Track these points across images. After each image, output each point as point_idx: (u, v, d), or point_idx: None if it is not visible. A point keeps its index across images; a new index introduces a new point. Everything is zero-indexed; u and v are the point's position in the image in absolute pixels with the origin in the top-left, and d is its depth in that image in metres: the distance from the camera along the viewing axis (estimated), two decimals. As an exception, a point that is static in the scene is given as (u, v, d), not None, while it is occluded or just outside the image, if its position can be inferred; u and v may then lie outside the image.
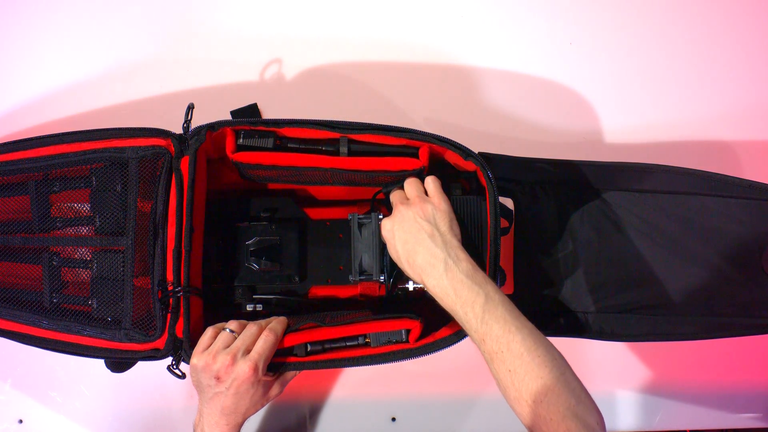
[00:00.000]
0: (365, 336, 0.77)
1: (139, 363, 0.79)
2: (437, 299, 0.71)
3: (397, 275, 0.82)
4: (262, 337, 0.73)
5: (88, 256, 0.79)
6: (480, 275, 0.70)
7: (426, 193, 0.77)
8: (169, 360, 0.75)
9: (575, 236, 0.85)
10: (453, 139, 0.78)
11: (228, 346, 0.71)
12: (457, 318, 0.69)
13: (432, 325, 0.79)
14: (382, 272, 0.79)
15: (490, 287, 0.69)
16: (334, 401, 0.93)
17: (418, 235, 0.72)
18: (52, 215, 0.80)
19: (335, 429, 0.93)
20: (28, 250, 0.79)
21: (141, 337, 0.75)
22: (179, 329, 0.74)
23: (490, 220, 0.76)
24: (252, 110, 0.94)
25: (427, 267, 0.70)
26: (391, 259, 0.81)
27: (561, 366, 0.65)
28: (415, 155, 0.78)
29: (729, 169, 0.86)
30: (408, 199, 0.76)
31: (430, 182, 0.77)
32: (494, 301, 0.67)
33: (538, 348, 0.65)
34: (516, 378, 0.64)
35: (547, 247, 0.86)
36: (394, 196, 0.78)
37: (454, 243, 0.72)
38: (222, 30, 0.97)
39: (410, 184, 0.77)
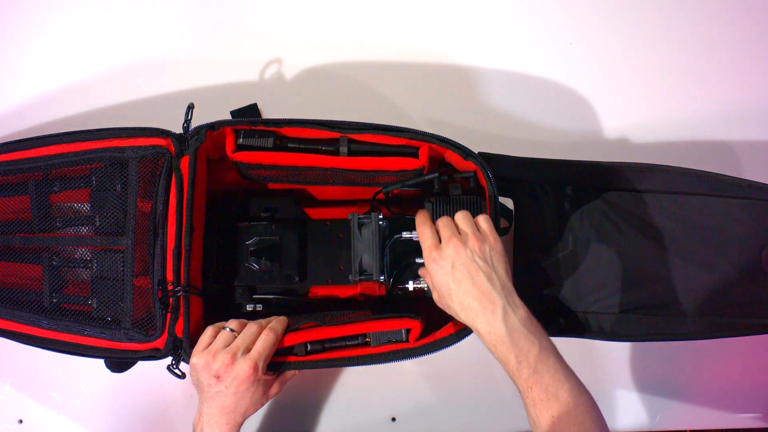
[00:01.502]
0: (365, 335, 0.77)
1: (139, 363, 0.79)
2: (486, 344, 0.69)
3: (397, 275, 0.82)
4: (262, 336, 0.73)
5: (88, 255, 0.79)
6: (534, 323, 0.69)
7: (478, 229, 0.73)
8: (168, 360, 0.75)
9: (575, 236, 0.85)
10: (453, 139, 0.78)
11: (228, 345, 0.71)
12: (506, 365, 0.68)
13: (432, 324, 0.79)
14: (382, 272, 0.79)
15: (542, 335, 0.68)
16: (334, 401, 0.93)
17: (476, 276, 0.68)
18: (52, 215, 0.80)
19: (335, 429, 0.93)
20: (28, 250, 0.79)
21: (141, 337, 0.75)
22: (179, 329, 0.74)
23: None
24: (252, 110, 0.94)
25: (481, 311, 0.68)
26: (390, 259, 0.81)
27: (599, 413, 0.67)
28: (415, 155, 0.78)
29: (729, 169, 0.86)
30: (459, 232, 0.72)
31: (483, 221, 0.73)
32: (547, 350, 0.67)
33: (582, 395, 0.66)
34: (559, 424, 0.65)
35: (547, 247, 0.86)
36: (444, 227, 0.72)
37: (512, 288, 0.70)
38: (222, 30, 0.97)
39: (463, 219, 0.73)
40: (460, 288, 0.69)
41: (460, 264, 0.69)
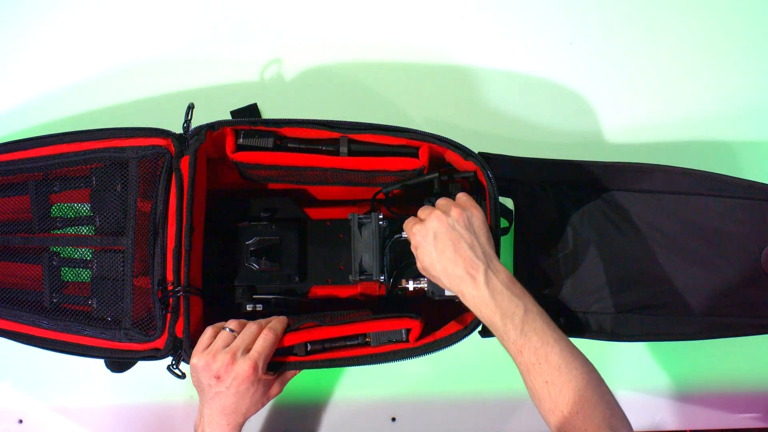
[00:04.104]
0: (365, 335, 0.77)
1: (139, 363, 0.79)
2: (474, 310, 0.70)
3: (397, 275, 0.82)
4: (261, 335, 0.73)
5: (88, 255, 0.79)
6: (518, 287, 0.69)
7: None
8: (169, 360, 0.75)
9: (575, 236, 0.85)
10: (453, 139, 0.78)
11: (228, 345, 0.71)
12: (494, 329, 0.69)
13: (432, 324, 0.79)
14: (382, 272, 0.79)
15: (528, 299, 0.69)
16: (334, 401, 0.93)
17: (458, 244, 0.70)
18: (52, 215, 0.80)
19: (335, 429, 0.93)
20: (28, 250, 0.79)
21: (141, 337, 0.75)
22: (179, 329, 0.74)
23: (490, 220, 0.76)
24: (252, 110, 0.94)
25: (466, 277, 0.69)
26: (390, 259, 0.81)
27: (597, 378, 0.66)
28: (415, 155, 0.78)
29: (729, 169, 0.86)
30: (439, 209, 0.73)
31: (462, 195, 0.75)
32: (533, 313, 0.67)
33: (575, 360, 0.66)
34: (553, 389, 0.64)
35: (547, 247, 0.86)
36: (424, 208, 0.75)
37: (493, 253, 0.71)
38: (222, 30, 0.97)
39: (443, 198, 0.74)
40: (443, 257, 0.70)
41: (442, 233, 0.70)
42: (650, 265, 0.84)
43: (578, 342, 0.84)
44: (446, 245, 0.70)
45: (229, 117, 0.93)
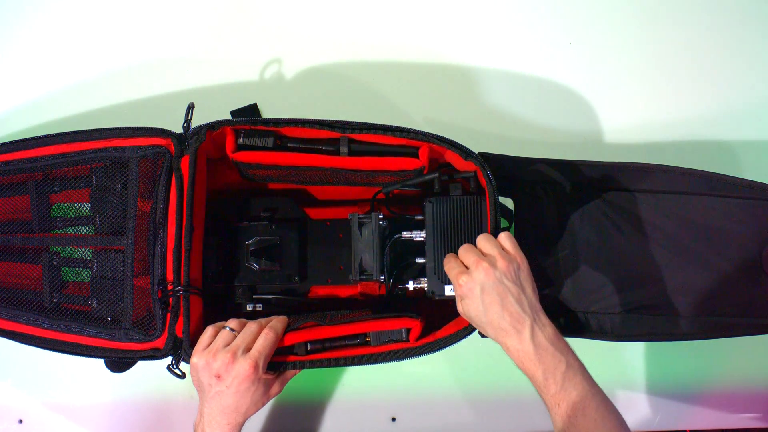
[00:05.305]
0: (365, 335, 0.77)
1: (139, 363, 0.79)
2: (516, 362, 0.70)
3: (397, 275, 0.82)
4: (262, 335, 0.73)
5: (88, 255, 0.79)
6: (562, 342, 0.70)
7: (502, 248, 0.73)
8: (169, 360, 0.75)
9: (575, 236, 0.85)
10: (453, 139, 0.78)
11: (228, 345, 0.71)
12: (534, 381, 0.69)
13: (432, 324, 0.79)
14: (382, 272, 0.79)
15: (570, 354, 0.69)
16: (334, 401, 0.93)
17: (506, 299, 0.69)
18: (52, 215, 0.80)
19: (335, 429, 0.93)
20: (28, 250, 0.79)
21: (141, 337, 0.75)
22: (179, 329, 0.74)
23: (490, 220, 0.76)
24: (252, 110, 0.94)
25: (511, 331, 0.69)
26: (390, 259, 0.81)
27: (627, 430, 0.68)
28: (415, 155, 0.78)
29: (729, 169, 0.86)
30: (485, 255, 0.72)
31: (506, 240, 0.73)
32: (574, 368, 0.68)
33: (610, 414, 0.68)
34: None
35: (547, 247, 0.86)
36: (468, 252, 0.72)
37: (539, 307, 0.71)
38: (222, 30, 0.97)
39: (486, 240, 0.73)
40: (490, 310, 0.70)
41: (489, 287, 0.70)
42: (650, 265, 0.84)
43: (578, 342, 0.84)
44: (493, 299, 0.70)
45: (229, 117, 0.93)
